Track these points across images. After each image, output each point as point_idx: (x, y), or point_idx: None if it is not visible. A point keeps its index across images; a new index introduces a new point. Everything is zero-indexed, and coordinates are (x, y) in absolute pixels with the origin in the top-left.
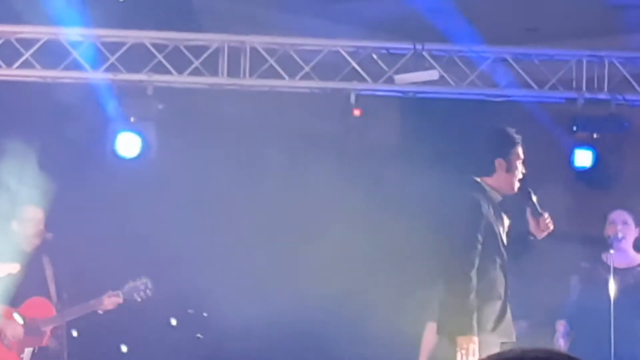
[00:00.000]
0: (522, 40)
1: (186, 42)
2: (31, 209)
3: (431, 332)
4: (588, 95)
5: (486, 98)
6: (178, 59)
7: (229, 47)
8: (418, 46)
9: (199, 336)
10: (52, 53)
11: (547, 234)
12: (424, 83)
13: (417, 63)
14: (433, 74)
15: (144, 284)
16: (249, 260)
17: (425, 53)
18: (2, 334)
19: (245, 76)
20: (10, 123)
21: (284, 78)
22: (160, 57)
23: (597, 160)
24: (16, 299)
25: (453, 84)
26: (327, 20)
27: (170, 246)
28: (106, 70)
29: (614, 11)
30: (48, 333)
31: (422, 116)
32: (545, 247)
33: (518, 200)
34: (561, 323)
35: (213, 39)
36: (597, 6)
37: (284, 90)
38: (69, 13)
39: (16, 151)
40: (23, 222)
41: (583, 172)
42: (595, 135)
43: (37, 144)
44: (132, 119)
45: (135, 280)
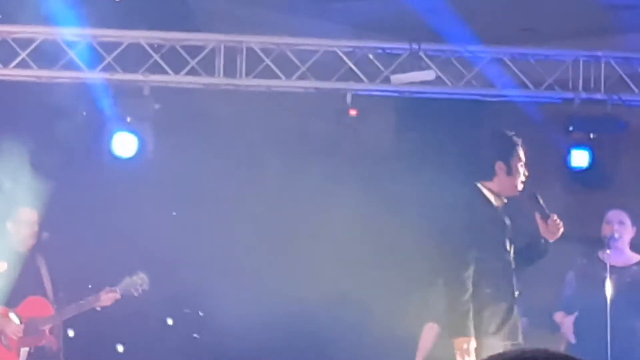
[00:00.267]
0: (519, 40)
1: (182, 42)
2: (26, 211)
3: (429, 333)
4: (584, 95)
5: (482, 98)
6: (174, 59)
7: (225, 47)
8: (414, 46)
9: (195, 336)
10: (48, 53)
11: (560, 236)
12: (420, 83)
13: (414, 63)
14: (429, 74)
15: (141, 279)
16: (245, 260)
17: (421, 53)
18: (1, 335)
19: (241, 76)
20: (5, 123)
21: (280, 78)
22: (156, 57)
23: (594, 160)
24: (13, 299)
25: (449, 84)
26: (324, 20)
27: (166, 246)
28: (102, 70)
29: (610, 11)
30: (46, 332)
31: (419, 116)
32: None
33: (525, 205)
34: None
35: (209, 39)
36: (594, 6)
37: (280, 90)
38: (65, 13)
39: (12, 151)
40: (18, 224)
41: (579, 172)
42: (591, 135)
43: (33, 144)
44: (129, 119)
45: (132, 275)
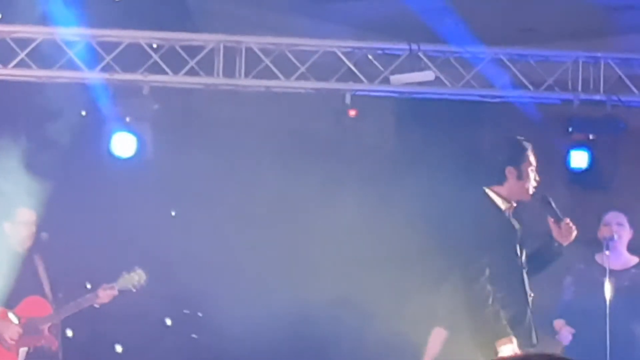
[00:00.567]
0: (518, 41)
1: (182, 42)
2: (25, 212)
3: (437, 338)
4: (584, 96)
5: (482, 99)
6: (174, 59)
7: (225, 47)
8: (414, 47)
9: (194, 336)
10: (48, 53)
11: (573, 239)
12: (420, 84)
13: (413, 64)
14: (429, 75)
15: (138, 275)
16: (244, 260)
17: (420, 54)
18: (0, 335)
19: (240, 76)
20: (4, 123)
21: (280, 78)
22: (155, 57)
23: (593, 161)
24: (12, 299)
25: (449, 85)
26: (323, 20)
27: (165, 246)
28: (102, 70)
29: (610, 12)
30: (45, 332)
31: (418, 117)
32: None
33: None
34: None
35: (209, 39)
36: (593, 7)
37: (280, 90)
38: (65, 13)
39: (10, 151)
40: (16, 224)
41: (578, 173)
42: (590, 136)
43: (32, 144)
44: (128, 119)
45: (129, 271)
